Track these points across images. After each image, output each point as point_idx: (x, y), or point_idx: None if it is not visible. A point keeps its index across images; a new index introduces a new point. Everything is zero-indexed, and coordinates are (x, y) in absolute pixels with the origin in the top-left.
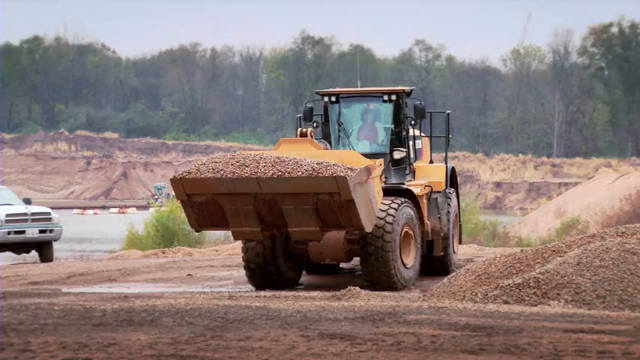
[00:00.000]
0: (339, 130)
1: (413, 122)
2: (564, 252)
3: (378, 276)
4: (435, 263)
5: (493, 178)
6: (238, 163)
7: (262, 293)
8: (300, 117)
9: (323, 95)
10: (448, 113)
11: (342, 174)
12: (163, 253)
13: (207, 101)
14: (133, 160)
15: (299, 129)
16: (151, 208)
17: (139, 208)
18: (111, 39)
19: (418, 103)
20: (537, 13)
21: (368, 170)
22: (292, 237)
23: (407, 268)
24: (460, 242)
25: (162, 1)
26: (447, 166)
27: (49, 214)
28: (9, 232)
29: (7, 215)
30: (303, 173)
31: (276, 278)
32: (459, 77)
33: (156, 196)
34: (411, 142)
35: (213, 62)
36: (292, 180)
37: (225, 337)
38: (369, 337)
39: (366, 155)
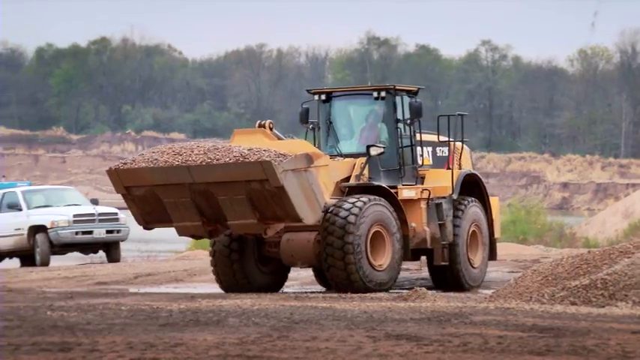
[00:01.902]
0: (328, 130)
1: (408, 122)
2: (632, 253)
3: (339, 278)
4: (445, 275)
5: (560, 179)
6: (173, 153)
7: (328, 294)
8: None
9: (314, 94)
10: (462, 115)
11: (267, 159)
12: None
13: (273, 102)
14: None
15: (257, 121)
16: None
17: None
18: (177, 40)
19: (413, 101)
20: (604, 12)
21: (308, 158)
22: (233, 231)
23: (378, 270)
24: (493, 257)
25: (228, 2)
26: (460, 172)
27: (116, 214)
28: (76, 233)
29: (75, 216)
30: (230, 160)
31: (246, 284)
32: (525, 77)
33: None
34: (426, 147)
35: (279, 63)
36: (220, 167)
37: (291, 337)
38: (435, 338)
39: (352, 155)
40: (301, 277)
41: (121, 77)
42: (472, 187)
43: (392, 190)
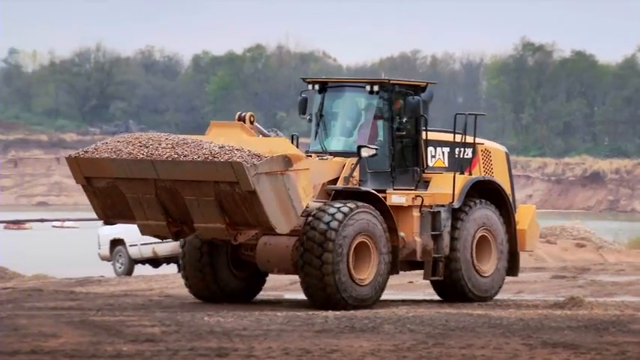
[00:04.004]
0: (318, 123)
1: (404, 120)
2: None
3: (314, 289)
4: (448, 288)
5: None
6: (139, 144)
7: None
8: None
9: (309, 83)
10: (476, 115)
11: (239, 160)
12: None
13: (427, 108)
14: None
15: (237, 113)
16: None
17: None
18: (332, 47)
19: (411, 98)
20: None
21: (286, 160)
22: (200, 235)
23: (360, 285)
24: (515, 273)
25: (383, 9)
26: (469, 178)
27: None
28: None
29: None
30: (199, 157)
31: (216, 289)
32: None
33: None
34: (438, 149)
35: (434, 69)
36: (187, 165)
37: (447, 344)
38: (592, 347)
39: (338, 154)
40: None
41: (275, 84)
42: (493, 195)
43: (380, 195)
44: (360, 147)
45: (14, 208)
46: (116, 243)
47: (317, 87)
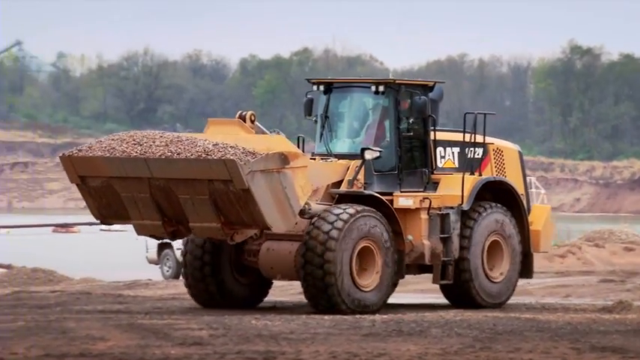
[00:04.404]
0: (323, 125)
1: (411, 120)
2: None
3: (318, 299)
4: (457, 292)
5: None
6: (133, 142)
7: (532, 305)
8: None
9: (314, 84)
10: (485, 114)
11: (232, 157)
12: None
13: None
14: None
15: (239, 112)
16: None
17: None
18: (379, 50)
19: (417, 98)
20: None
21: (282, 158)
22: (195, 235)
23: (364, 291)
24: (528, 274)
25: (430, 12)
26: (479, 179)
27: None
28: None
29: None
30: (192, 155)
31: (220, 296)
32: None
33: None
34: (447, 149)
35: (481, 72)
36: (181, 163)
37: (494, 348)
38: None
39: (343, 156)
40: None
41: None
42: (505, 195)
43: (387, 198)
44: (363, 149)
45: (62, 212)
46: (164, 246)
47: (322, 88)
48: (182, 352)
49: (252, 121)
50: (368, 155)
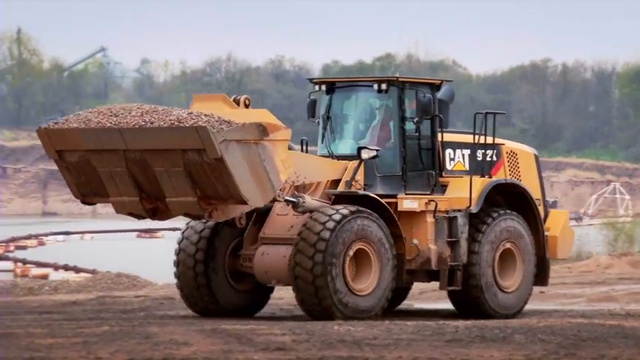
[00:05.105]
0: (325, 126)
1: (417, 120)
2: None
3: (309, 304)
4: (465, 300)
5: None
6: (110, 114)
7: (616, 311)
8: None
9: (316, 84)
10: (494, 114)
11: (204, 124)
12: None
13: (558, 117)
14: None
15: (233, 97)
16: None
17: None
18: (462, 56)
19: (422, 96)
20: None
21: (260, 129)
22: (172, 211)
23: (359, 295)
24: (543, 282)
25: (514, 17)
26: (488, 181)
27: None
28: None
29: None
30: (166, 124)
31: (212, 302)
32: None
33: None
34: (457, 151)
35: (564, 78)
36: (154, 132)
37: (578, 355)
38: None
39: (345, 158)
40: (587, 294)
41: None
42: (518, 200)
43: (391, 200)
44: (360, 148)
45: None
46: None
47: (324, 88)
48: (265, 357)
49: (247, 106)
50: (364, 154)
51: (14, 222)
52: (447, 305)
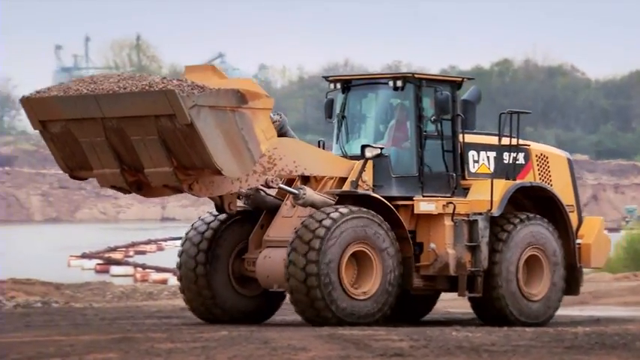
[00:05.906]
0: (339, 126)
1: (433, 119)
2: None
3: (308, 315)
4: (487, 307)
5: None
6: (90, 81)
7: None
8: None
9: (331, 82)
10: (518, 113)
11: (172, 88)
12: (635, 276)
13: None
14: (602, 182)
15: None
16: (621, 231)
17: (610, 230)
18: (580, 60)
19: (439, 94)
20: None
21: (237, 96)
22: (152, 183)
23: (357, 299)
24: (574, 291)
25: (634, 22)
26: (512, 184)
27: None
28: None
29: None
30: (137, 88)
31: (214, 306)
32: None
33: (627, 219)
34: (482, 153)
35: None
36: (126, 97)
37: None
38: None
39: (359, 158)
40: None
41: (522, 98)
42: (548, 205)
43: (407, 202)
44: (363, 146)
45: None
46: None
47: (339, 86)
48: None
49: None
50: (368, 153)
51: (134, 227)
52: (571, 312)
